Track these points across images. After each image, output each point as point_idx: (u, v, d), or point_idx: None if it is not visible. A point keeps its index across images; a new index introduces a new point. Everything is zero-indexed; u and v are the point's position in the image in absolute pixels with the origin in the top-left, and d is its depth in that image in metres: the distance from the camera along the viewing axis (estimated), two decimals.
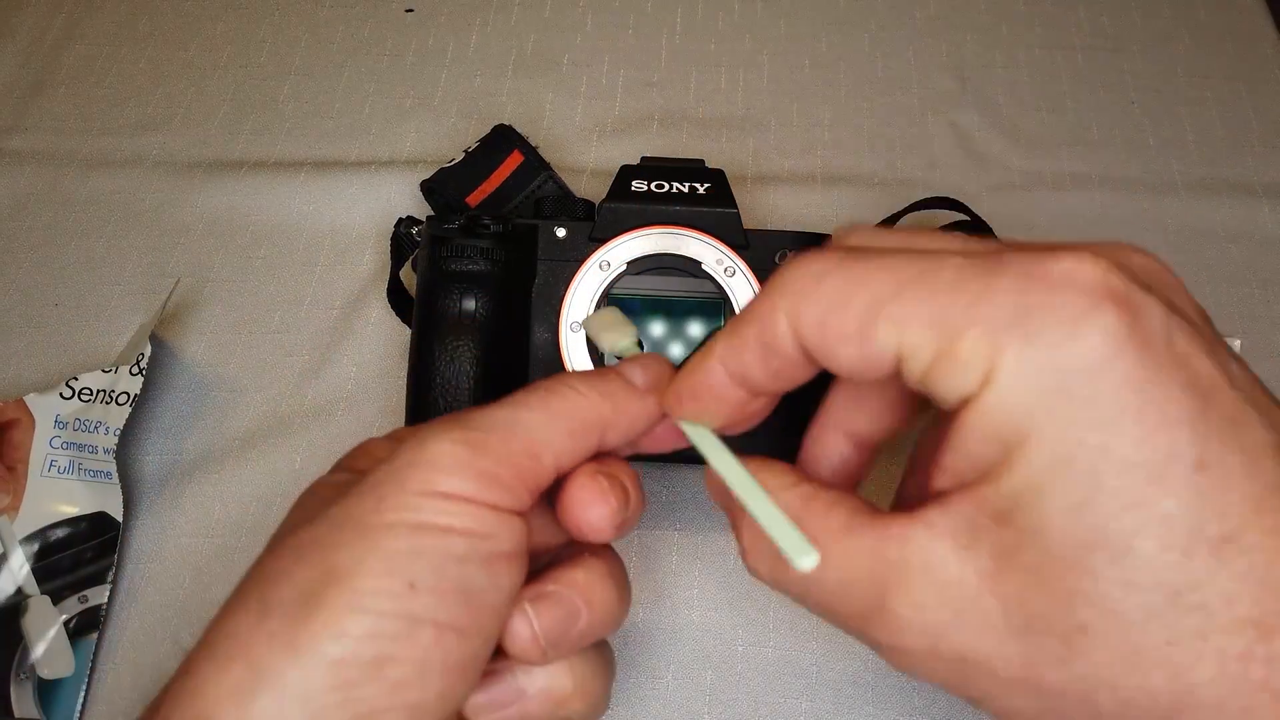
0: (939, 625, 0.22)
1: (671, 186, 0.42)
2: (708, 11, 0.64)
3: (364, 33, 0.63)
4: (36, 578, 0.42)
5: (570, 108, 0.59)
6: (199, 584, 0.43)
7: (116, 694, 0.41)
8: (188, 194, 0.55)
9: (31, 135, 0.58)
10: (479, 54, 0.62)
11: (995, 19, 0.63)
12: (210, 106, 0.59)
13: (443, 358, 0.40)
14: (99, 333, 0.50)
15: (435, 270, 0.41)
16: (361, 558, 0.23)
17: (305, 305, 0.51)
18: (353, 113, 0.59)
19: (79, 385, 0.45)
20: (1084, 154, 0.56)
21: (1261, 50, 0.61)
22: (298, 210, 0.54)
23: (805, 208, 0.54)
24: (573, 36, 0.62)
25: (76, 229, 0.54)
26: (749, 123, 0.58)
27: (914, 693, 0.40)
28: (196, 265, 0.53)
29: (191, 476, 0.46)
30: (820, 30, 0.63)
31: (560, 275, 0.42)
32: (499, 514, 0.25)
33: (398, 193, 0.54)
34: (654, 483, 0.45)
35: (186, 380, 0.49)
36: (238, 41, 0.63)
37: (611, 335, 0.32)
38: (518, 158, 0.50)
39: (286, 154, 0.57)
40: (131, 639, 0.42)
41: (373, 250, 0.53)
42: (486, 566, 0.25)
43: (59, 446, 0.44)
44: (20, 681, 0.40)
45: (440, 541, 0.24)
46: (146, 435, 0.47)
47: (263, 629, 0.23)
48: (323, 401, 0.48)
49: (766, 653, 0.41)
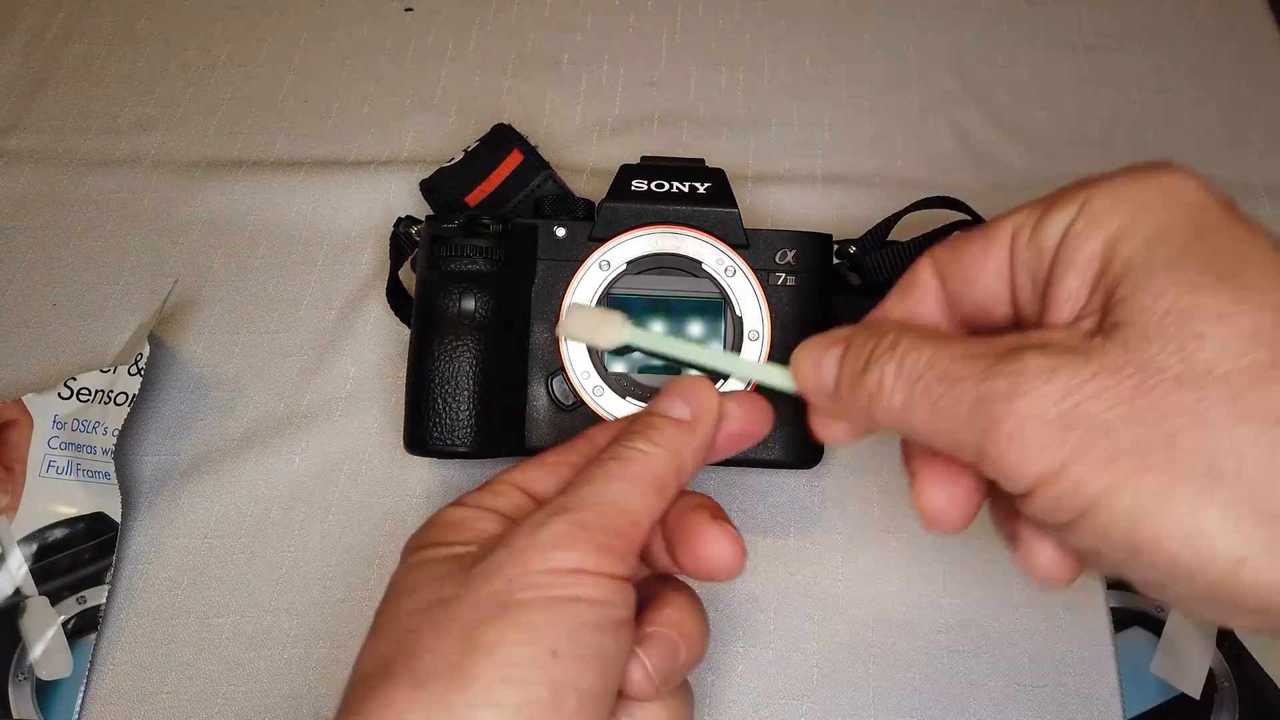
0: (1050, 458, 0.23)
1: (672, 186, 0.42)
2: (708, 11, 0.64)
3: (363, 32, 0.63)
4: (35, 578, 0.42)
5: (570, 107, 0.59)
6: (197, 584, 0.43)
7: (115, 695, 0.40)
8: (186, 193, 0.55)
9: (31, 134, 0.58)
10: (478, 53, 0.62)
11: (996, 18, 0.63)
12: (209, 106, 0.59)
13: (442, 357, 0.40)
14: (97, 333, 0.50)
15: (435, 270, 0.41)
16: (504, 631, 0.25)
17: (304, 305, 0.51)
18: (352, 112, 0.59)
19: (77, 385, 0.45)
20: (1085, 154, 0.56)
21: (1262, 50, 0.61)
22: (297, 210, 0.54)
23: (805, 207, 0.54)
24: (572, 35, 0.62)
25: (75, 229, 0.54)
26: (749, 122, 0.58)
27: (914, 694, 0.40)
28: (195, 265, 0.52)
29: (190, 477, 0.46)
30: (821, 29, 0.62)
31: (560, 275, 0.42)
32: (615, 582, 0.27)
33: (397, 192, 0.54)
34: None
35: (185, 380, 0.49)
36: (237, 41, 0.63)
37: (604, 333, 0.32)
38: (517, 157, 0.50)
39: (285, 153, 0.57)
40: (130, 640, 0.42)
41: (372, 250, 0.53)
42: (613, 632, 0.27)
43: (57, 447, 0.44)
44: (19, 682, 0.40)
45: (573, 611, 0.26)
46: (145, 435, 0.47)
47: (418, 699, 0.24)
48: (322, 401, 0.48)
49: (767, 655, 0.41)
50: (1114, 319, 0.23)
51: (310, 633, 0.42)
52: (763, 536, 0.44)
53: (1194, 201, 0.24)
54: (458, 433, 0.40)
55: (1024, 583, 0.42)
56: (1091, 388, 0.22)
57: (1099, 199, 0.25)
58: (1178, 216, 0.24)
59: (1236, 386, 0.21)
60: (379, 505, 0.45)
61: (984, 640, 0.41)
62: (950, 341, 0.26)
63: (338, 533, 0.44)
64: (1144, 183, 0.25)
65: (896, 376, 0.26)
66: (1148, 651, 0.40)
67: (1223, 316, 0.22)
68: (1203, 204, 0.24)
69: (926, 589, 0.42)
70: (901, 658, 0.41)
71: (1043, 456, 0.23)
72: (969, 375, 0.24)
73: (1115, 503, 0.22)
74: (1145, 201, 0.24)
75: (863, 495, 0.45)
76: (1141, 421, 0.22)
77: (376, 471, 0.46)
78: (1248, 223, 0.24)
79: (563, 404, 0.42)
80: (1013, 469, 0.23)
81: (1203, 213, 0.24)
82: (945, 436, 0.25)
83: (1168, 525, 0.22)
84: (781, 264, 0.42)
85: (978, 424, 0.24)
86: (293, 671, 0.41)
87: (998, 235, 0.27)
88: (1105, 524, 0.22)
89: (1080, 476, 0.22)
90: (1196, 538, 0.21)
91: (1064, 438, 0.22)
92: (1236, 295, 0.22)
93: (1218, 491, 0.21)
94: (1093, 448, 0.22)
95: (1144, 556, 0.22)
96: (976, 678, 0.40)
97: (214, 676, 0.41)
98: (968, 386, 0.24)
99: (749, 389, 0.39)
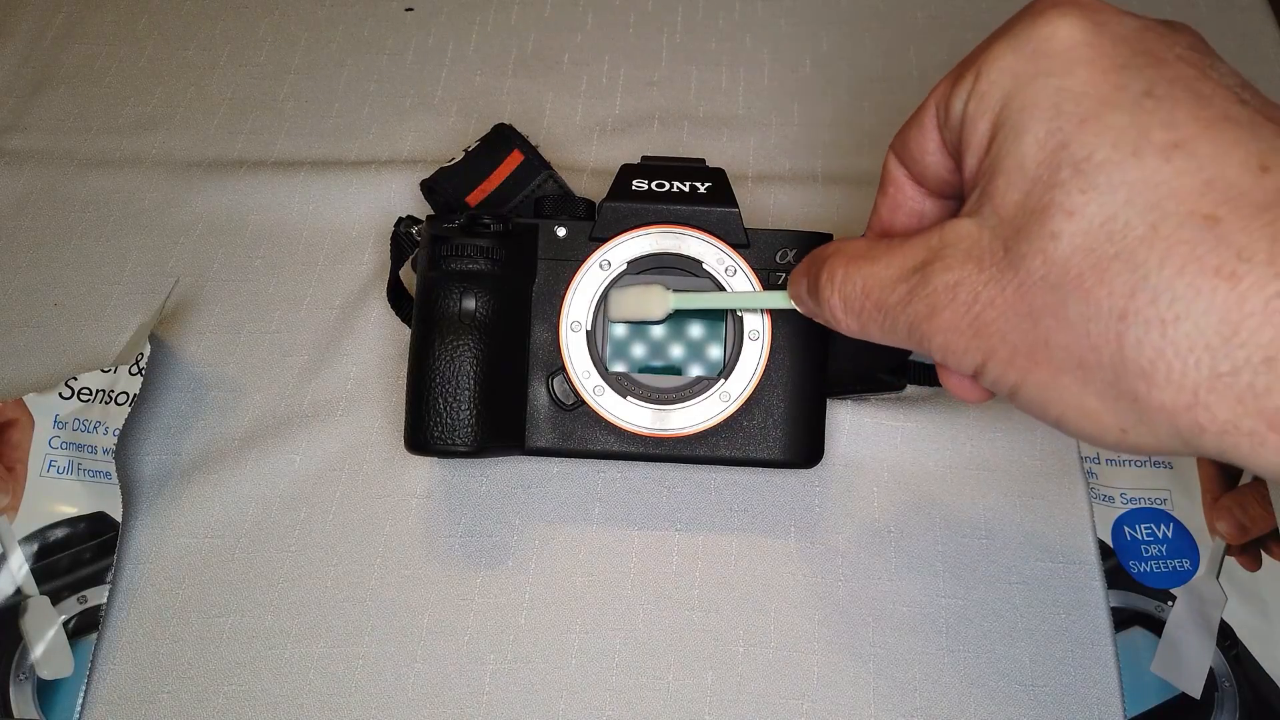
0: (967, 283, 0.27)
1: (672, 186, 0.42)
2: (708, 10, 0.64)
3: (363, 32, 0.63)
4: (35, 578, 0.42)
5: (570, 107, 0.59)
6: (198, 584, 0.43)
7: (116, 694, 0.41)
8: (187, 193, 0.55)
9: (31, 135, 0.58)
10: (479, 53, 0.62)
11: (996, 18, 0.62)
12: (210, 106, 0.59)
13: (443, 357, 0.40)
14: (98, 332, 0.50)
15: (435, 269, 0.41)
16: None
17: (305, 305, 0.51)
18: (352, 112, 0.59)
19: (78, 385, 0.45)
20: None
21: (1263, 49, 0.61)
22: (297, 210, 0.54)
23: (806, 207, 0.54)
24: (573, 35, 0.62)
25: (76, 229, 0.54)
26: (750, 122, 0.58)
27: (914, 693, 0.40)
28: (196, 265, 0.52)
29: (190, 477, 0.46)
30: (821, 29, 0.62)
31: (560, 274, 0.42)
32: None
33: (397, 192, 0.54)
34: (654, 484, 0.45)
35: (186, 380, 0.49)
36: (237, 41, 0.63)
37: (653, 308, 0.40)
38: (518, 157, 0.50)
39: (286, 153, 0.57)
40: (131, 639, 0.42)
41: (372, 250, 0.53)
42: None
43: (58, 446, 0.44)
44: (20, 682, 0.40)
45: None
46: (146, 435, 0.47)
47: None
48: (322, 401, 0.48)
49: (767, 653, 0.41)
50: (993, 210, 0.26)
51: (310, 632, 0.42)
52: (763, 536, 0.44)
53: (1067, 56, 0.26)
54: (458, 432, 0.40)
55: (1024, 582, 0.42)
56: (985, 297, 0.26)
57: (986, 73, 0.27)
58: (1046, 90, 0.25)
59: (1087, 284, 0.24)
60: (379, 505, 0.45)
61: (984, 640, 0.41)
62: (879, 261, 0.29)
63: (338, 532, 0.44)
64: (1021, 47, 0.27)
65: (844, 310, 0.31)
66: (1148, 651, 0.40)
67: (1072, 213, 0.24)
68: (1075, 55, 0.25)
69: (926, 589, 0.42)
70: (901, 658, 0.41)
71: (968, 358, 0.27)
72: (896, 303, 0.29)
73: (1026, 394, 0.26)
74: (1019, 71, 0.26)
75: (863, 495, 0.45)
76: (1024, 326, 0.25)
77: (377, 471, 0.46)
78: (1120, 65, 0.25)
79: (563, 403, 0.42)
80: (953, 366, 0.28)
81: (1071, 69, 0.25)
82: (902, 344, 0.29)
83: (1065, 408, 0.26)
84: (782, 264, 0.42)
85: (916, 340, 0.29)
86: (293, 671, 0.41)
87: (924, 117, 0.30)
88: (1026, 405, 0.27)
89: (997, 374, 0.27)
90: (1087, 415, 0.25)
91: (977, 345, 0.27)
92: (1085, 183, 0.24)
93: (1090, 381, 0.25)
94: (996, 353, 0.26)
95: (1063, 427, 0.26)
96: (976, 678, 0.40)
97: (215, 676, 0.41)
98: (898, 313, 0.29)
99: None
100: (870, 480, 0.45)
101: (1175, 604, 0.41)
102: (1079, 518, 0.44)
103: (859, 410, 0.46)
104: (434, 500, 0.45)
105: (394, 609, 0.42)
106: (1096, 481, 0.44)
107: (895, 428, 0.46)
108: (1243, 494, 0.43)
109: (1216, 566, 0.42)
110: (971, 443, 0.45)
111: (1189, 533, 0.43)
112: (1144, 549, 0.42)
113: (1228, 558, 0.42)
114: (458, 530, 0.44)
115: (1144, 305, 0.23)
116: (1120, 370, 0.24)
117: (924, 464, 0.45)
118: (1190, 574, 0.42)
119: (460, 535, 0.44)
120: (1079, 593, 0.42)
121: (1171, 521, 0.43)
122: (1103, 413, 0.25)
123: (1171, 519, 0.43)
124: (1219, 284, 0.22)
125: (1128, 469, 0.44)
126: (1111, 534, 0.43)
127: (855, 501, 0.44)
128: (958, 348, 0.27)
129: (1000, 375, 0.27)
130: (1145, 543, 0.43)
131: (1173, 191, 0.23)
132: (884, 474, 0.45)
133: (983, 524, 0.44)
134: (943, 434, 0.46)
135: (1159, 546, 0.42)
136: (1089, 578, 0.42)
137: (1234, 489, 0.43)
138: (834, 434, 0.45)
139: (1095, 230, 0.24)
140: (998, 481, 0.45)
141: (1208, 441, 0.23)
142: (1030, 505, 0.44)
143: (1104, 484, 0.44)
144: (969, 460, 0.45)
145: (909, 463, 0.45)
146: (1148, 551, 0.42)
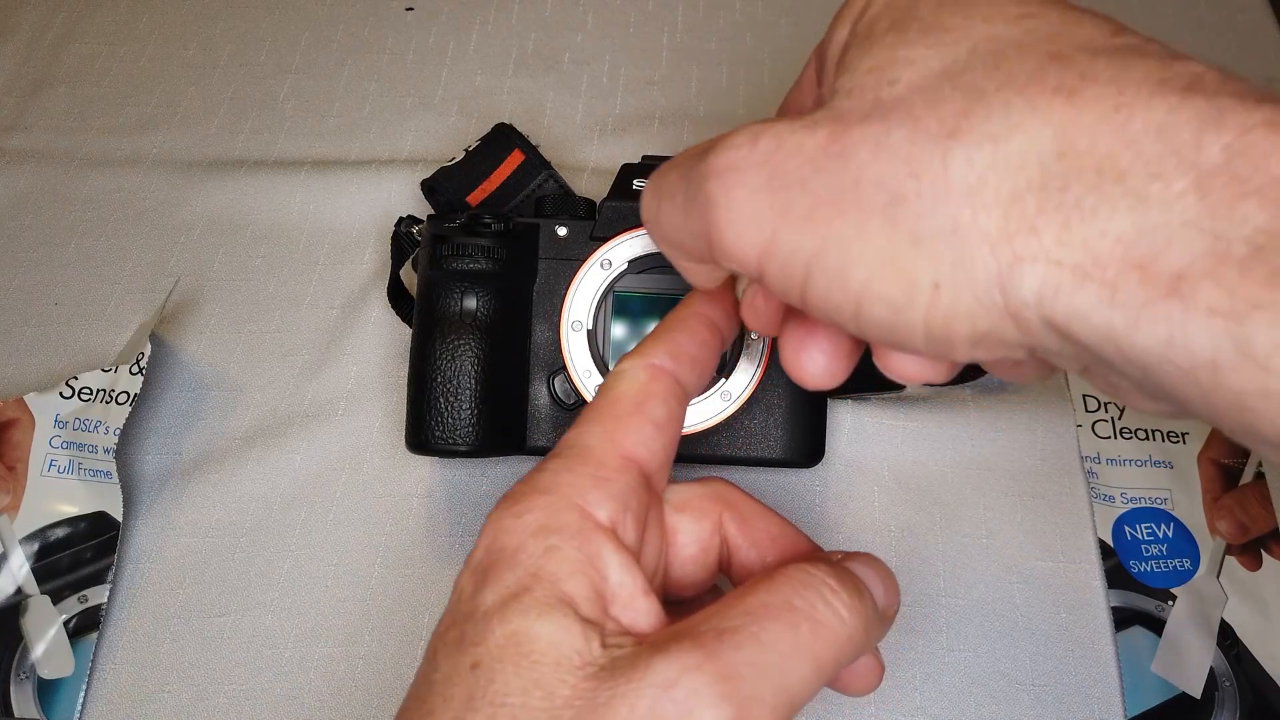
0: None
1: None
2: (709, 10, 0.64)
3: (364, 32, 0.63)
4: (36, 577, 0.42)
5: (571, 106, 0.59)
6: (198, 584, 0.43)
7: (116, 694, 0.41)
8: (187, 193, 0.55)
9: (31, 134, 0.58)
10: (479, 52, 0.62)
11: None
12: (210, 105, 0.59)
13: (443, 357, 0.40)
14: (99, 332, 0.50)
15: (436, 269, 0.41)
16: None
17: (305, 305, 0.51)
18: (353, 112, 0.59)
19: (79, 384, 0.45)
20: None
21: (1263, 49, 0.61)
22: (297, 209, 0.54)
23: None
24: (573, 35, 0.62)
25: (76, 228, 0.54)
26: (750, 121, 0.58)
27: (914, 692, 0.40)
28: (196, 264, 0.52)
29: (191, 476, 0.46)
30: (822, 28, 0.62)
31: (561, 274, 0.42)
32: None
33: (398, 192, 0.54)
34: None
35: (186, 380, 0.49)
36: (237, 41, 0.63)
37: None
38: (518, 156, 0.50)
39: (286, 153, 0.57)
40: (131, 639, 0.42)
41: (373, 249, 0.53)
42: None
43: (59, 446, 0.44)
44: (20, 681, 0.40)
45: None
46: (146, 435, 0.47)
47: None
48: (322, 401, 0.48)
49: None
50: (830, 88, 0.24)
51: (311, 632, 0.42)
52: None
53: None
54: (459, 432, 0.40)
55: (1024, 582, 0.42)
56: (792, 143, 0.23)
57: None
58: None
59: (917, 112, 0.22)
60: (380, 505, 0.45)
61: (984, 639, 0.41)
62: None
63: (338, 532, 0.44)
64: None
65: (648, 193, 0.27)
66: (1148, 651, 0.40)
67: (914, 61, 0.23)
68: None
69: (926, 588, 0.42)
70: (902, 657, 0.41)
71: (756, 227, 0.23)
72: (686, 159, 0.25)
73: (824, 262, 0.22)
74: None
75: (863, 495, 0.45)
76: (833, 165, 0.22)
77: (377, 471, 0.46)
78: None
79: (564, 403, 0.42)
80: (737, 249, 0.24)
81: None
82: (689, 240, 0.25)
83: (868, 265, 0.22)
84: None
85: (699, 210, 0.24)
86: (293, 671, 0.41)
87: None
88: (825, 287, 0.23)
89: (791, 243, 0.23)
90: (893, 269, 0.22)
91: (770, 202, 0.23)
92: (934, 41, 0.23)
93: (902, 217, 0.21)
94: (793, 208, 0.23)
95: (865, 310, 0.22)
96: (976, 677, 0.40)
97: (215, 675, 0.41)
98: (690, 167, 0.25)
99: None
100: (870, 480, 0.45)
101: (1176, 603, 0.41)
102: (1079, 517, 0.44)
103: (859, 410, 0.46)
104: (434, 500, 0.45)
105: (394, 609, 0.42)
106: (1097, 481, 0.44)
107: (895, 428, 0.46)
108: (1243, 493, 0.43)
109: (1217, 566, 0.42)
110: (972, 443, 0.45)
111: (1189, 532, 0.43)
112: (1144, 548, 0.42)
113: (1228, 557, 0.42)
114: (458, 530, 0.44)
115: (977, 123, 0.21)
116: (943, 196, 0.21)
117: (924, 464, 0.45)
118: (1191, 573, 0.42)
119: (460, 535, 0.44)
120: (1079, 592, 0.42)
121: (1172, 521, 0.43)
122: (915, 260, 0.21)
123: (1172, 518, 0.43)
124: (1056, 100, 0.21)
125: (1128, 469, 0.44)
126: (1112, 533, 0.43)
127: (856, 501, 0.44)
128: (745, 213, 0.23)
129: (794, 245, 0.23)
130: (1146, 542, 0.43)
131: (1020, 44, 0.22)
132: (884, 473, 0.45)
133: (983, 523, 0.44)
134: (943, 434, 0.46)
135: (1159, 546, 0.42)
136: (1089, 577, 0.42)
137: (1234, 488, 0.43)
138: (834, 433, 0.45)
139: (934, 73, 0.22)
140: (998, 481, 0.45)
141: (1026, 286, 0.20)
142: (1030, 505, 0.44)
143: (1104, 483, 0.44)
144: (969, 460, 0.45)
145: (909, 462, 0.45)
146: (1148, 551, 0.42)
